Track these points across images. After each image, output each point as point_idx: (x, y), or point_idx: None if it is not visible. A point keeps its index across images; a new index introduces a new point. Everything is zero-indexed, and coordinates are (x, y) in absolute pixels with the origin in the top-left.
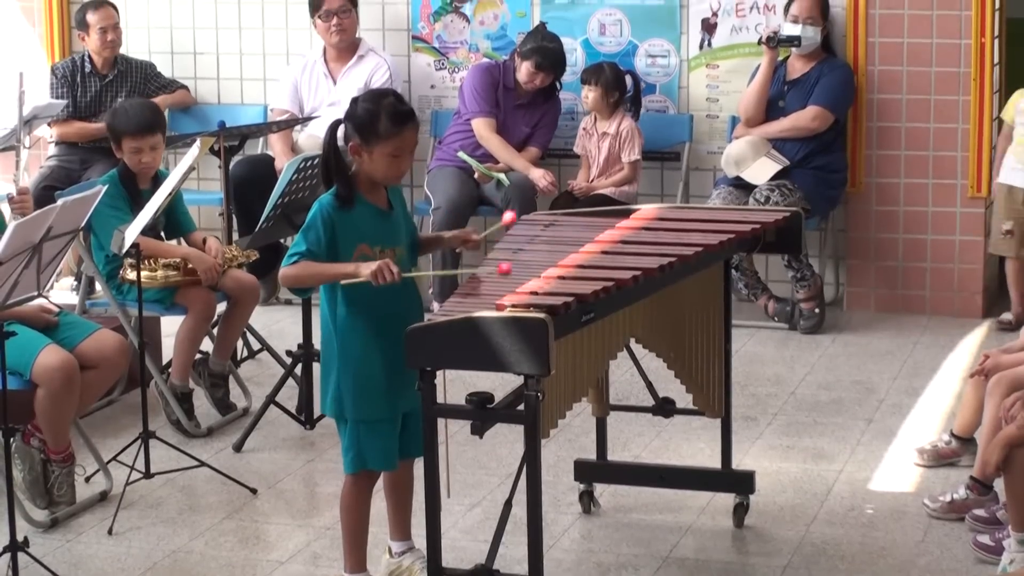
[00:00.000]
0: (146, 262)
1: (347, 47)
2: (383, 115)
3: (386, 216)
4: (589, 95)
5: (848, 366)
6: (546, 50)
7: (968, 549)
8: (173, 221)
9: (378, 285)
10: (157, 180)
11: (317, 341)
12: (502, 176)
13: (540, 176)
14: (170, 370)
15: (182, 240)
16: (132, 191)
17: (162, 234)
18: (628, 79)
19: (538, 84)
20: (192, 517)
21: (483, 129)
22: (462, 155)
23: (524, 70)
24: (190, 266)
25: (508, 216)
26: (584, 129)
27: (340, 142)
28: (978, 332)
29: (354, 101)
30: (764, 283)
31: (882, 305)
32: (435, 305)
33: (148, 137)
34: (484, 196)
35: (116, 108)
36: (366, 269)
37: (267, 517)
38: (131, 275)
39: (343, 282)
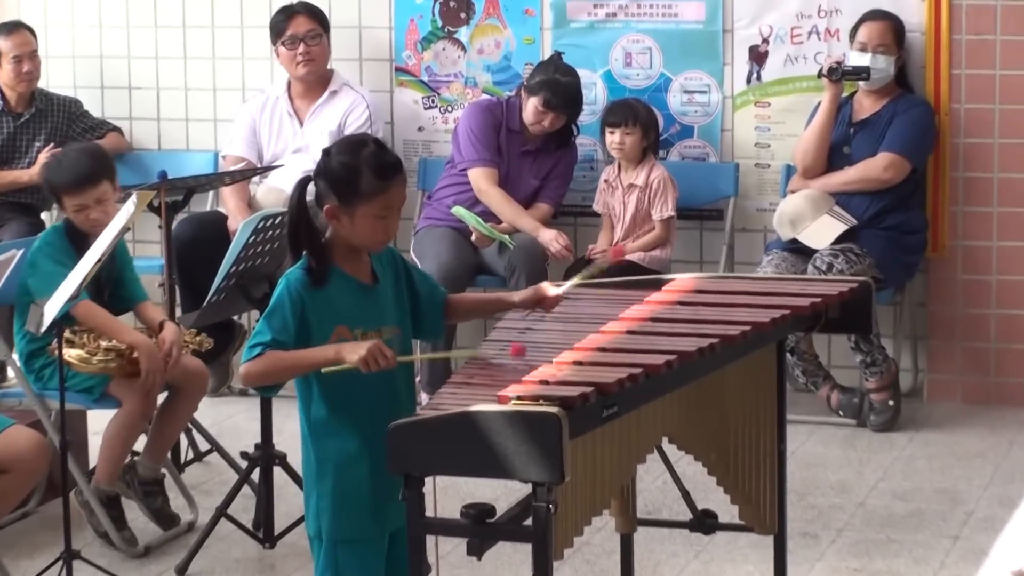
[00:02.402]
0: (84, 337)
1: (316, 81)
2: (364, 168)
3: (369, 291)
4: (626, 140)
5: (929, 471)
6: (557, 84)
7: None
8: (120, 289)
9: (367, 372)
10: None
11: (278, 441)
12: (505, 238)
13: (552, 239)
14: (95, 474)
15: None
16: (79, 246)
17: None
18: None
19: (547, 126)
20: None
21: (482, 181)
22: (457, 211)
23: (531, 108)
24: (135, 354)
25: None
26: (606, 181)
27: (309, 198)
28: None
29: (326, 153)
30: (826, 369)
31: (970, 396)
32: (424, 396)
33: (90, 190)
34: (484, 263)
35: (50, 161)
36: (351, 353)
37: None
38: (65, 350)
39: (324, 369)
